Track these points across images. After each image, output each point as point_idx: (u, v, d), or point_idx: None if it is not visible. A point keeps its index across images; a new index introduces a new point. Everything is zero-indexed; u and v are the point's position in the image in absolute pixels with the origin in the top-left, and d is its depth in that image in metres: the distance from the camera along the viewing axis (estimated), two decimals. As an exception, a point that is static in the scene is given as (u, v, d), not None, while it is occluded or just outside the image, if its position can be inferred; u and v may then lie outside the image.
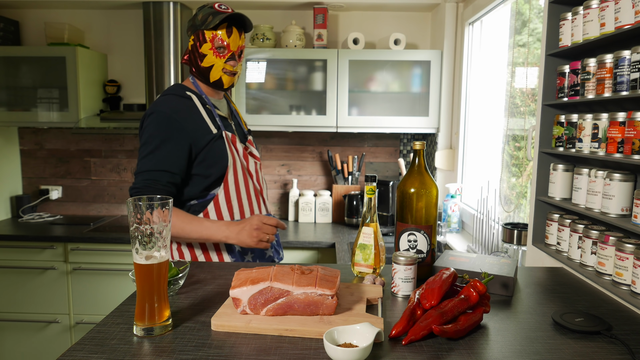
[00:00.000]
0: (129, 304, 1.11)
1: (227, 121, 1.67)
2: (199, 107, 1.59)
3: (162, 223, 0.95)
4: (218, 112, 1.64)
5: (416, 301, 1.01)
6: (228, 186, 1.60)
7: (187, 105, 1.58)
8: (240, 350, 0.90)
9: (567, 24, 1.52)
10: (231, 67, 1.59)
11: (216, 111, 1.63)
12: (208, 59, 1.57)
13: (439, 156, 2.99)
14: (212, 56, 1.57)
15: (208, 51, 1.57)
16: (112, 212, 3.44)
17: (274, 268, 1.07)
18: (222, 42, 1.56)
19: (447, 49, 2.91)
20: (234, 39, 1.58)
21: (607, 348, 0.93)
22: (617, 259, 1.24)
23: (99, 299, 2.86)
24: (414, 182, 1.28)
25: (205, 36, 1.56)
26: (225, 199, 1.61)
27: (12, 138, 3.33)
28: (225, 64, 1.58)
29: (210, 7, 1.58)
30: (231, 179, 1.61)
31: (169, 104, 1.55)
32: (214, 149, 1.57)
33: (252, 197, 1.67)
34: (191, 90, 1.63)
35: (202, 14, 1.57)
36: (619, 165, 1.39)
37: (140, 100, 3.31)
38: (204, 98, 1.62)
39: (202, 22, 1.57)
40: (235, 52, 1.59)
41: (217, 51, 1.57)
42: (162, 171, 1.50)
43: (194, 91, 1.63)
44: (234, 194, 1.62)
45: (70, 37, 3.06)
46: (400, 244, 1.30)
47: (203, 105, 1.61)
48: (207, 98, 1.63)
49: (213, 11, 1.56)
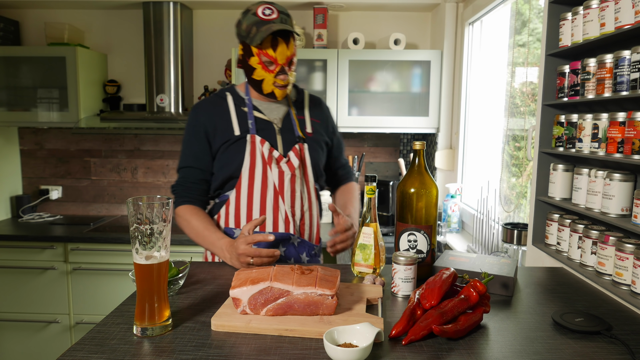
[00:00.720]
0: (129, 304, 1.11)
1: (270, 125, 1.56)
2: (231, 107, 1.56)
3: (162, 223, 0.95)
4: (259, 115, 1.56)
5: (416, 301, 1.01)
6: (240, 192, 1.54)
7: (219, 105, 1.56)
8: (240, 350, 0.90)
9: (567, 24, 1.52)
10: (282, 81, 1.49)
11: (254, 114, 1.56)
12: (257, 72, 1.49)
13: (439, 156, 2.99)
14: (261, 70, 1.48)
15: (257, 65, 1.48)
16: (112, 212, 3.44)
17: (274, 268, 1.07)
18: (268, 57, 1.46)
19: (447, 49, 2.91)
20: (282, 51, 1.46)
21: (607, 348, 0.93)
22: (617, 259, 1.24)
23: (99, 299, 2.86)
24: (414, 182, 1.28)
25: (252, 50, 1.47)
26: (235, 204, 1.55)
27: (12, 138, 3.33)
28: (276, 79, 1.49)
29: (253, 13, 1.45)
30: (244, 184, 1.53)
31: (202, 103, 1.60)
32: (230, 150, 1.53)
33: (267, 208, 1.53)
34: (234, 91, 1.60)
35: (246, 24, 1.45)
36: (619, 165, 1.39)
37: (140, 100, 3.31)
38: (245, 100, 1.58)
39: (246, 33, 1.45)
40: (284, 64, 1.48)
41: (265, 66, 1.47)
42: (190, 167, 1.57)
43: (236, 92, 1.59)
44: (244, 201, 1.54)
45: (70, 37, 3.07)
46: (400, 244, 1.30)
47: (238, 106, 1.57)
48: (250, 100, 1.57)
49: (257, 20, 1.43)
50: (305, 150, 1.59)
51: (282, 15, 1.45)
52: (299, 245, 1.58)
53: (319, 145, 1.63)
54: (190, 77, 3.26)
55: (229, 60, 3.11)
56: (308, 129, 1.62)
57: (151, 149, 3.37)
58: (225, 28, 3.26)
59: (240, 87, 1.63)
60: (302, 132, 1.60)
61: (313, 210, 1.63)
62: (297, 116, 1.62)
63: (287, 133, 1.59)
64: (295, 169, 1.55)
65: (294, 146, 1.56)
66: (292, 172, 1.54)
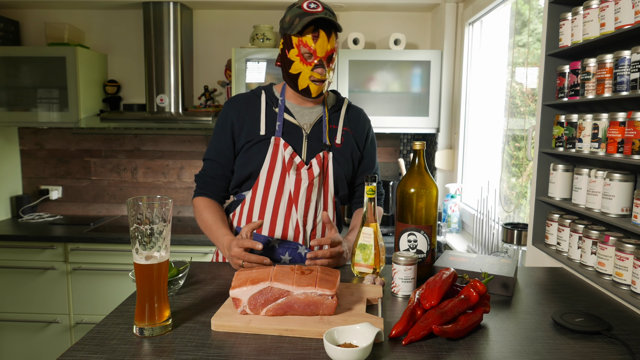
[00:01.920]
0: (129, 304, 1.11)
1: (298, 130, 1.53)
2: (262, 106, 1.54)
3: (162, 223, 0.95)
4: (289, 118, 1.53)
5: (416, 301, 1.01)
6: (256, 193, 1.52)
7: (251, 103, 1.56)
8: (240, 350, 0.90)
9: (567, 24, 1.52)
10: (319, 74, 1.45)
11: (286, 117, 1.53)
12: (295, 65, 1.46)
13: (439, 156, 2.99)
14: (299, 63, 1.45)
15: (295, 57, 1.45)
16: (112, 212, 3.44)
17: (274, 268, 1.07)
18: (308, 48, 1.43)
19: (447, 49, 2.91)
20: (322, 43, 1.43)
21: (607, 348, 0.93)
22: (617, 259, 1.24)
23: (99, 299, 2.86)
24: (414, 182, 1.28)
25: (292, 41, 1.44)
26: (249, 205, 1.54)
27: (12, 138, 3.33)
28: (313, 72, 1.45)
29: (298, 6, 1.43)
30: (261, 186, 1.51)
31: (236, 98, 1.59)
32: (253, 150, 1.51)
33: (279, 214, 1.50)
34: (270, 90, 1.59)
35: (290, 16, 1.44)
36: (619, 165, 1.39)
37: (140, 101, 3.31)
38: (278, 101, 1.55)
39: (289, 25, 1.44)
40: (323, 57, 1.44)
41: (303, 58, 1.44)
42: (211, 160, 1.58)
43: (271, 91, 1.58)
44: (258, 204, 1.52)
45: (70, 37, 3.07)
46: (400, 244, 1.30)
47: (270, 106, 1.55)
48: (284, 101, 1.55)
49: (300, 12, 1.42)
50: (330, 159, 1.53)
51: (326, 10, 1.44)
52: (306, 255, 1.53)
53: (346, 157, 1.57)
54: (190, 77, 3.26)
55: (229, 60, 3.11)
56: (338, 139, 1.56)
57: (151, 149, 3.37)
58: (225, 28, 3.26)
59: (278, 88, 1.61)
60: (329, 141, 1.55)
61: None
62: (329, 124, 1.57)
63: (315, 140, 1.54)
64: (314, 178, 1.50)
65: (318, 154, 1.52)
66: (309, 181, 1.49)
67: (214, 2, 3.04)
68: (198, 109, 3.10)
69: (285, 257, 1.51)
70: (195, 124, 2.96)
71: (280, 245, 1.51)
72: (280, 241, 1.51)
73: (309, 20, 1.39)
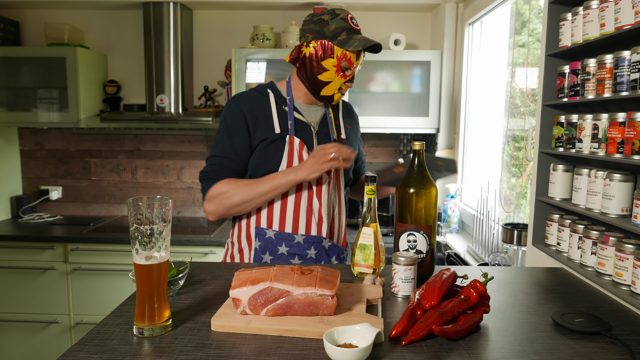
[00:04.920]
0: (129, 304, 1.11)
1: (308, 128, 1.57)
2: (272, 105, 1.54)
3: (162, 223, 0.95)
4: (298, 116, 1.56)
5: (416, 301, 1.01)
6: None
7: (260, 101, 1.55)
8: (240, 350, 0.90)
9: (567, 24, 1.52)
10: (347, 87, 1.53)
11: (295, 115, 1.55)
12: (328, 74, 1.49)
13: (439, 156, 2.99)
14: (333, 73, 1.49)
15: (331, 67, 1.48)
16: (112, 212, 3.44)
17: (274, 268, 1.07)
18: (350, 64, 1.48)
19: (447, 50, 2.91)
20: (360, 62, 1.51)
21: (607, 348, 0.93)
22: (617, 259, 1.24)
23: (99, 299, 2.86)
24: (413, 183, 1.28)
25: (334, 51, 1.46)
26: (268, 204, 1.53)
27: (12, 138, 3.33)
28: (344, 85, 1.52)
29: (342, 18, 1.47)
30: None
31: (243, 95, 1.57)
32: (269, 149, 1.51)
33: (300, 210, 1.53)
34: (276, 89, 1.59)
35: (335, 26, 1.46)
36: (619, 165, 1.39)
37: (140, 101, 3.31)
38: (286, 99, 1.57)
39: (333, 35, 1.46)
40: (355, 72, 1.52)
41: (340, 69, 1.49)
42: (225, 157, 1.52)
43: (277, 90, 1.59)
44: (279, 202, 1.52)
45: (70, 37, 3.07)
46: (400, 244, 1.30)
47: (279, 105, 1.56)
48: (292, 101, 1.56)
49: (347, 27, 1.47)
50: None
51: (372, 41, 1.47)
52: (329, 248, 1.58)
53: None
54: (190, 77, 3.26)
55: (229, 60, 3.11)
56: (342, 134, 1.65)
57: (151, 149, 3.37)
58: (225, 28, 3.26)
59: (281, 86, 1.61)
60: (337, 137, 1.63)
61: (342, 213, 1.63)
62: (334, 121, 1.64)
63: (323, 137, 1.60)
64: (331, 172, 1.56)
65: None
66: (329, 176, 1.55)
67: (214, 2, 3.04)
68: (198, 109, 3.10)
69: (311, 251, 1.54)
70: (195, 124, 2.96)
71: (305, 240, 1.53)
72: (305, 237, 1.53)
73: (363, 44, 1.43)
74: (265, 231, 1.54)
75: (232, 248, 1.63)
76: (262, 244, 1.54)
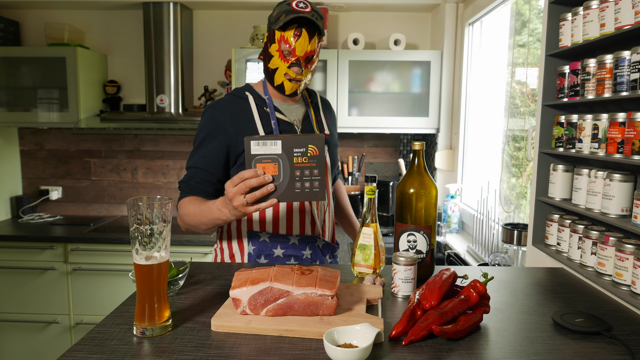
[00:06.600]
0: (129, 305, 1.11)
1: (291, 127, 1.54)
2: (253, 109, 1.51)
3: (162, 223, 0.95)
4: (280, 116, 1.53)
5: (416, 301, 1.01)
6: None
7: (239, 106, 1.51)
8: (240, 350, 0.90)
9: (567, 24, 1.52)
10: (294, 73, 1.45)
11: (277, 115, 1.52)
12: (274, 60, 1.46)
13: (439, 156, 2.99)
14: (277, 58, 1.45)
15: (275, 52, 1.45)
16: (112, 212, 3.44)
17: (274, 268, 1.07)
18: (288, 44, 1.43)
19: (447, 50, 2.91)
20: (302, 42, 1.43)
21: (607, 348, 0.93)
22: (617, 259, 1.24)
23: (99, 300, 2.86)
24: (413, 183, 1.28)
25: (275, 36, 1.44)
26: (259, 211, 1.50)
27: (12, 138, 3.33)
28: (289, 70, 1.45)
29: (287, 3, 1.44)
30: None
31: (221, 103, 1.52)
32: None
33: (293, 210, 1.51)
34: (254, 90, 1.56)
35: (277, 11, 1.44)
36: (619, 165, 1.39)
37: (140, 101, 3.31)
38: (265, 100, 1.54)
39: (275, 20, 1.44)
40: (301, 57, 1.44)
41: (282, 54, 1.44)
42: (197, 168, 1.49)
43: (255, 92, 1.56)
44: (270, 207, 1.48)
45: (70, 37, 3.07)
46: (400, 244, 1.30)
47: (260, 107, 1.53)
48: (271, 100, 1.53)
49: (288, 9, 1.42)
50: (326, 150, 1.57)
51: (314, 12, 1.44)
52: (323, 247, 1.58)
53: (333, 146, 1.65)
54: (190, 77, 3.26)
55: (229, 60, 3.11)
56: (326, 130, 1.63)
57: (151, 149, 3.37)
58: (225, 28, 3.26)
59: (258, 87, 1.59)
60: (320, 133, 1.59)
61: (331, 210, 1.63)
62: (315, 117, 1.62)
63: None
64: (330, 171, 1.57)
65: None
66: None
67: (214, 2, 3.04)
68: (198, 109, 3.10)
69: (306, 252, 1.53)
70: (195, 125, 2.96)
71: (300, 241, 1.53)
72: (299, 237, 1.53)
73: (293, 17, 1.39)
74: (259, 234, 1.52)
75: (221, 254, 1.59)
76: (256, 248, 1.52)
